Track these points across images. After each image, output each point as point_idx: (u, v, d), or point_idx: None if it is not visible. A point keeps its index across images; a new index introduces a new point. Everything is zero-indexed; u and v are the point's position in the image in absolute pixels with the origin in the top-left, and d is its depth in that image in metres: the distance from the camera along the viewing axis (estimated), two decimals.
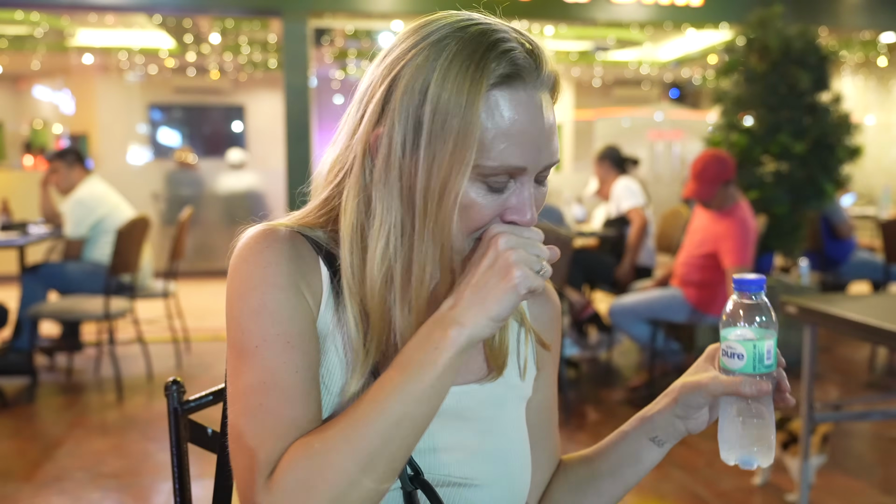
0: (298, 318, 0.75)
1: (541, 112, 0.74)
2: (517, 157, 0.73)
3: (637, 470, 0.90)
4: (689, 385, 0.82)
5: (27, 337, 3.97)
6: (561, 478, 0.96)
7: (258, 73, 9.80)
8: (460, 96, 0.71)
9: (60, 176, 4.31)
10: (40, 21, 7.29)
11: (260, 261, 0.75)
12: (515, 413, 0.89)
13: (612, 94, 11.23)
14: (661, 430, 0.86)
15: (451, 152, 0.72)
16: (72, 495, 2.78)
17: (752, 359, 0.77)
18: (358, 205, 0.77)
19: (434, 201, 0.73)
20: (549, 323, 0.95)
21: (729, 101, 4.61)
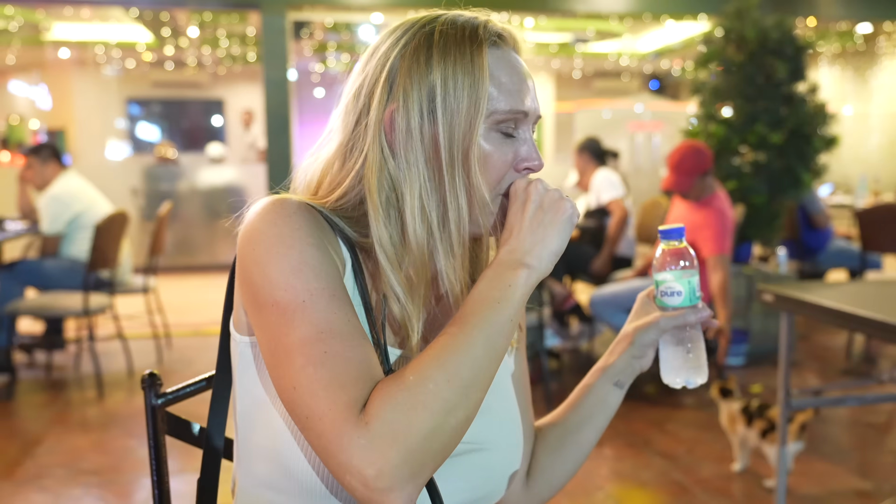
0: (335, 273, 0.76)
1: (526, 71, 0.85)
2: (521, 103, 0.83)
3: (606, 413, 1.00)
4: (640, 326, 0.94)
5: (5, 334, 3.93)
6: (540, 443, 1.03)
7: (237, 66, 9.72)
8: (465, 58, 0.81)
9: (35, 172, 4.26)
10: (15, 14, 7.18)
11: (290, 222, 0.76)
12: (507, 383, 0.96)
13: (593, 86, 11.25)
14: (621, 372, 0.98)
15: (467, 107, 0.80)
16: (52, 492, 2.76)
17: (689, 293, 0.91)
18: (380, 180, 0.81)
19: (459, 152, 0.80)
20: None
21: (707, 91, 4.64)
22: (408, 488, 0.65)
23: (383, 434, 0.65)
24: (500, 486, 0.90)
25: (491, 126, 0.82)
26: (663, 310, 0.92)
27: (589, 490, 2.73)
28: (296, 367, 0.70)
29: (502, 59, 0.83)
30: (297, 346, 0.70)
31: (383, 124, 0.81)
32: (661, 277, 0.91)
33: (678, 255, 0.90)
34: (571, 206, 0.80)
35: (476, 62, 0.81)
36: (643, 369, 0.98)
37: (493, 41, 0.83)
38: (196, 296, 6.50)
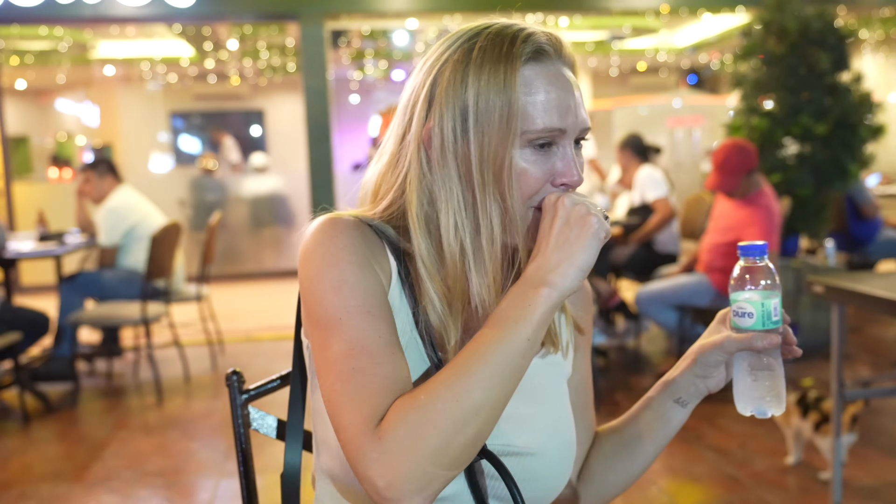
0: (376, 290, 0.81)
1: (570, 84, 0.84)
2: (557, 120, 0.81)
3: (665, 431, 0.97)
4: (705, 346, 0.90)
5: (68, 344, 4.08)
6: (596, 449, 1.03)
7: (277, 77, 9.89)
8: (497, 76, 0.81)
9: (93, 186, 4.41)
10: (63, 35, 7.43)
11: (335, 242, 0.82)
12: (561, 388, 0.96)
13: (630, 83, 11.19)
14: (683, 390, 0.94)
15: (498, 126, 0.81)
16: (121, 494, 2.87)
17: (761, 316, 0.85)
18: (419, 194, 0.85)
19: (490, 171, 0.82)
20: (582, 308, 1.02)
21: (748, 84, 4.60)
22: (416, 499, 0.70)
23: (393, 449, 0.70)
24: (548, 493, 0.90)
25: (525, 143, 0.82)
26: (735, 331, 0.87)
27: (642, 485, 2.75)
28: (329, 382, 0.77)
29: (541, 73, 0.83)
30: (332, 361, 0.77)
31: (422, 140, 0.84)
32: (734, 296, 0.86)
33: (755, 273, 0.85)
34: (598, 221, 0.78)
35: (509, 80, 0.81)
36: (711, 390, 0.93)
37: (531, 55, 0.82)
38: (245, 303, 6.65)
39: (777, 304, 0.85)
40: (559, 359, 0.96)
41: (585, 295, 1.03)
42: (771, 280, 0.85)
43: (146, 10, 5.94)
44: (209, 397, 4.04)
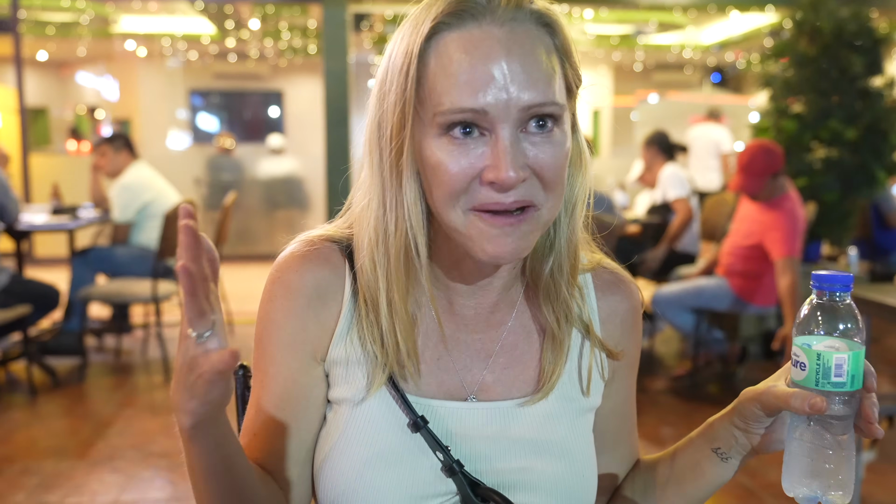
0: (294, 327, 0.80)
1: (501, 47, 0.67)
2: (470, 99, 0.66)
3: (699, 484, 0.82)
4: (749, 393, 0.74)
5: (78, 319, 4.07)
6: (628, 481, 0.92)
7: (297, 58, 9.85)
8: (403, 48, 0.69)
9: (108, 160, 4.39)
10: (86, 8, 7.40)
11: (281, 280, 0.81)
12: (572, 428, 0.83)
13: (653, 79, 11.06)
14: (721, 440, 0.78)
15: (392, 107, 0.70)
16: (124, 473, 2.85)
17: (815, 371, 0.66)
18: (359, 194, 0.80)
19: (391, 163, 0.72)
20: (623, 320, 0.88)
21: (778, 85, 4.51)
22: None
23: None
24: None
25: (440, 129, 0.68)
26: (791, 384, 0.69)
27: None
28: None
29: (458, 39, 0.68)
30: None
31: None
32: (795, 338, 0.68)
33: (823, 314, 0.67)
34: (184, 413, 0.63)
35: (411, 49, 0.68)
36: (759, 450, 0.76)
37: (448, 16, 0.68)
38: (256, 285, 6.56)
39: (845, 360, 0.65)
40: (575, 395, 0.84)
41: (626, 305, 0.88)
42: (845, 326, 0.66)
43: None
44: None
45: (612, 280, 0.88)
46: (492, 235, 0.70)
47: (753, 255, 3.54)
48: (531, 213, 0.70)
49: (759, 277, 3.56)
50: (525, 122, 0.68)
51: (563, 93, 0.71)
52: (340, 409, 0.80)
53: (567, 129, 0.71)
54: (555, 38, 0.71)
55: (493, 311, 0.83)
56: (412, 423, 0.78)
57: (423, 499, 0.77)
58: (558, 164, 0.70)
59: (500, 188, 0.67)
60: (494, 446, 0.79)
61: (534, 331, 0.84)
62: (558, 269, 0.79)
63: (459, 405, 0.80)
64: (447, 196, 0.69)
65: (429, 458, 0.77)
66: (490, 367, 0.82)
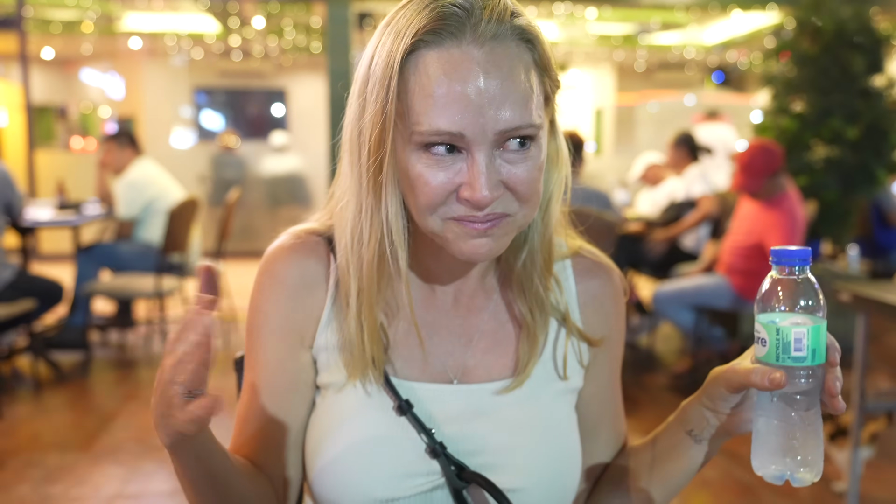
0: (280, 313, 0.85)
1: (479, 70, 0.66)
2: (447, 121, 0.66)
3: (677, 466, 0.81)
4: (714, 373, 0.74)
5: (82, 314, 4.10)
6: (612, 466, 0.92)
7: (301, 57, 9.86)
8: (384, 60, 0.69)
9: (112, 157, 4.42)
10: (91, 5, 7.43)
11: (267, 271, 0.86)
12: (558, 411, 0.85)
13: (655, 78, 11.05)
14: (693, 422, 0.78)
15: (373, 120, 0.70)
16: (127, 466, 2.88)
17: (775, 346, 0.64)
18: (336, 186, 0.83)
19: (370, 175, 0.73)
20: (603, 304, 0.90)
21: (779, 84, 4.52)
22: None
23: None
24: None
25: (418, 146, 0.69)
26: (755, 361, 0.68)
27: None
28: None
29: (438, 58, 0.67)
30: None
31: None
32: (756, 315, 0.67)
33: (784, 289, 0.65)
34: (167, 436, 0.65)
35: (391, 65, 0.68)
36: (731, 431, 0.76)
37: (429, 31, 0.67)
38: None
39: (804, 335, 0.63)
40: (552, 378, 0.86)
41: (606, 298, 0.90)
42: (806, 301, 0.64)
43: None
44: (219, 374, 4.00)
45: (591, 265, 0.90)
46: (467, 239, 0.72)
47: (753, 254, 3.56)
48: (505, 219, 0.72)
49: (758, 276, 3.58)
50: (501, 143, 0.69)
51: (540, 108, 0.71)
52: (328, 393, 0.83)
53: (543, 143, 0.73)
54: (534, 52, 0.71)
55: (472, 296, 0.86)
56: (397, 407, 0.81)
57: (409, 477, 0.79)
58: (532, 178, 0.71)
59: (474, 206, 0.69)
60: (477, 428, 0.81)
61: (510, 317, 0.86)
62: (531, 262, 0.82)
63: (443, 388, 0.83)
64: (425, 207, 0.71)
65: (413, 440, 0.80)
66: (472, 350, 0.85)
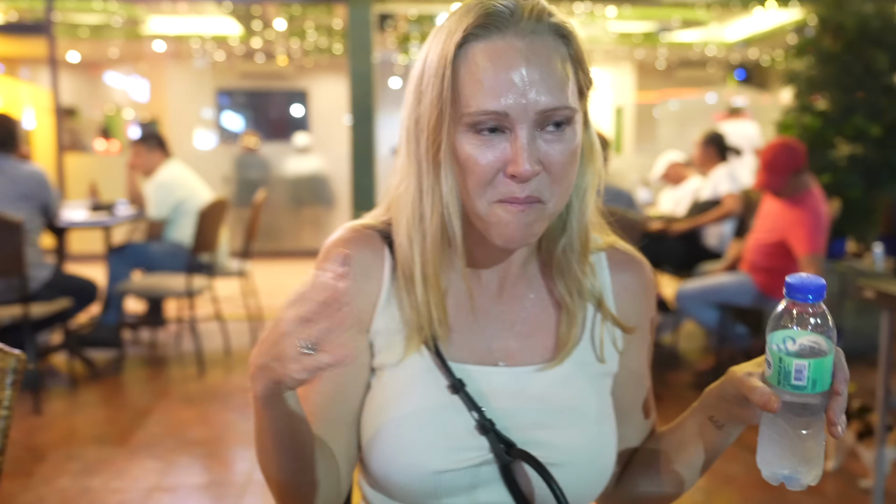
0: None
1: (521, 58, 0.76)
2: (493, 102, 0.76)
3: (699, 449, 0.88)
4: (730, 373, 0.79)
5: (115, 312, 4.19)
6: (641, 449, 0.99)
7: (322, 58, 9.94)
8: (438, 54, 0.79)
9: (143, 159, 4.51)
10: (117, 10, 7.55)
11: (327, 259, 0.90)
12: (596, 392, 0.92)
13: (676, 76, 11.01)
14: (714, 409, 0.84)
15: (430, 107, 0.80)
16: (163, 460, 2.96)
17: (777, 372, 0.68)
18: (397, 181, 0.89)
19: (429, 155, 0.82)
20: (635, 295, 0.96)
21: (801, 82, 4.52)
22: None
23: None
24: (578, 501, 0.88)
25: (467, 127, 0.78)
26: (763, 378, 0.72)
27: None
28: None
29: (485, 49, 0.77)
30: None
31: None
32: (767, 335, 0.69)
33: (792, 318, 0.67)
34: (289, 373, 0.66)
35: (445, 56, 0.78)
36: (744, 421, 0.81)
37: (477, 27, 0.77)
38: (284, 280, 6.74)
39: (805, 367, 0.66)
40: (590, 360, 0.92)
41: (639, 281, 0.97)
42: (814, 333, 0.66)
43: None
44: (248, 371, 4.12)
45: (625, 259, 0.97)
46: (506, 224, 0.80)
47: (777, 252, 3.57)
48: (538, 205, 0.79)
49: (782, 274, 3.56)
50: (541, 123, 0.78)
51: (575, 96, 0.80)
52: (383, 373, 0.90)
53: (577, 129, 0.81)
54: (569, 47, 0.80)
55: (515, 284, 0.92)
56: (450, 385, 0.87)
57: (460, 451, 0.85)
58: (566, 161, 0.79)
59: (518, 180, 0.77)
60: (521, 407, 0.88)
61: (551, 302, 0.93)
62: (570, 247, 0.89)
63: (490, 369, 0.89)
64: (477, 185, 0.79)
65: (464, 417, 0.86)
66: (515, 334, 0.92)
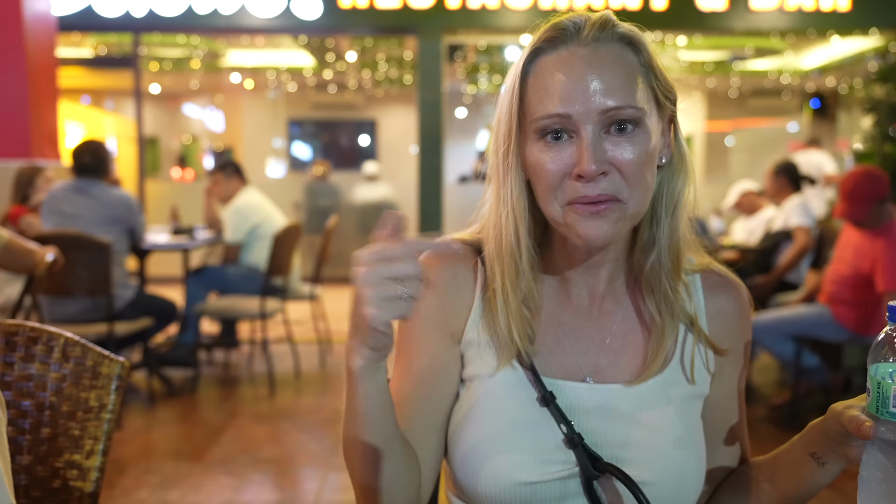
0: (430, 313, 0.93)
1: (584, 63, 0.80)
2: (557, 105, 0.79)
3: (798, 485, 0.86)
4: (832, 408, 0.77)
5: (192, 333, 4.34)
6: (733, 475, 0.97)
7: (393, 88, 10.18)
8: (513, 70, 0.85)
9: (221, 187, 4.70)
10: (199, 44, 7.92)
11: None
12: (685, 412, 0.91)
13: (748, 105, 10.83)
14: (816, 445, 0.81)
15: (503, 120, 0.85)
16: (238, 476, 3.03)
17: (875, 398, 0.67)
18: (485, 196, 0.94)
19: (501, 161, 0.86)
20: (730, 318, 0.95)
21: (883, 110, 4.40)
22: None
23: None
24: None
25: (536, 134, 0.82)
26: (863, 409, 0.71)
27: None
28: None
29: (550, 60, 0.82)
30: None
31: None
32: (868, 364, 0.68)
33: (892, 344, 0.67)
34: (374, 315, 0.70)
35: (516, 70, 0.84)
36: (849, 460, 0.77)
37: (544, 42, 0.83)
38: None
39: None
40: (680, 381, 0.91)
41: (735, 303, 0.95)
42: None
43: (276, 21, 6.28)
44: (317, 393, 4.21)
45: (720, 281, 0.96)
46: (583, 222, 0.81)
47: (858, 284, 3.45)
48: (616, 205, 0.81)
49: (863, 306, 3.47)
50: (607, 124, 0.80)
51: (646, 100, 0.82)
52: (473, 384, 0.91)
53: (650, 132, 0.82)
54: (639, 54, 0.83)
55: (603, 300, 0.93)
56: (541, 398, 0.88)
57: (548, 464, 0.85)
58: (638, 161, 0.80)
59: (585, 180, 0.79)
60: (607, 424, 0.88)
61: (640, 320, 0.93)
62: (659, 263, 0.89)
63: (578, 385, 0.90)
64: (546, 191, 0.83)
65: (552, 430, 0.86)
66: (604, 351, 0.92)
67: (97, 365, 1.07)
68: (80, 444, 1.06)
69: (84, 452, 1.05)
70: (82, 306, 3.66)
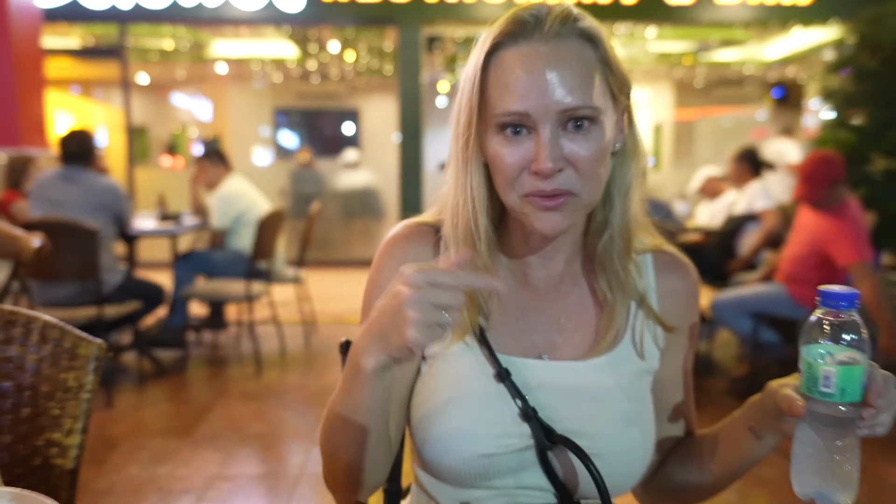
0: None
1: (543, 61, 0.80)
2: (516, 103, 0.80)
3: (736, 456, 0.90)
4: (768, 386, 0.81)
5: (180, 315, 4.48)
6: (679, 447, 1.01)
7: (374, 78, 10.29)
8: (472, 62, 0.86)
9: (206, 174, 4.82)
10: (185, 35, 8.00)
11: (383, 252, 0.98)
12: (635, 387, 0.94)
13: (714, 95, 11.01)
14: (754, 420, 0.86)
15: (463, 110, 0.87)
16: (224, 452, 3.16)
17: (806, 379, 0.70)
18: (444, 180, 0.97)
19: (462, 153, 0.88)
20: (679, 298, 0.98)
21: (839, 98, 4.59)
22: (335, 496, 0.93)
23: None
24: (614, 492, 0.90)
25: (496, 128, 0.83)
26: (796, 388, 0.74)
27: None
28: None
29: (510, 55, 0.82)
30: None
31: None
32: (800, 346, 0.71)
33: (823, 327, 0.70)
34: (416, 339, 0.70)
35: (475, 63, 0.84)
36: (784, 434, 0.82)
37: (505, 35, 0.82)
38: (335, 288, 7.03)
39: (833, 373, 0.68)
40: (631, 356, 0.95)
41: (684, 283, 0.99)
42: (848, 341, 0.68)
43: (260, 13, 6.39)
44: (302, 371, 4.37)
45: (670, 261, 0.99)
46: (539, 214, 0.84)
47: (813, 263, 3.60)
48: (570, 198, 0.83)
49: (817, 284, 3.59)
50: (564, 122, 0.81)
51: (602, 97, 0.83)
52: (434, 362, 0.94)
53: (606, 128, 0.83)
54: (597, 50, 0.83)
55: (560, 282, 0.96)
56: (497, 374, 0.91)
57: (505, 437, 0.89)
58: (592, 158, 0.82)
59: (541, 177, 0.82)
60: (562, 399, 0.91)
61: (594, 300, 0.96)
62: (611, 244, 0.92)
63: (534, 362, 0.93)
64: (505, 182, 0.85)
65: (508, 405, 0.89)
66: (559, 329, 0.95)
67: (75, 346, 1.07)
68: (60, 423, 1.06)
69: (64, 431, 1.06)
70: (72, 290, 3.75)
